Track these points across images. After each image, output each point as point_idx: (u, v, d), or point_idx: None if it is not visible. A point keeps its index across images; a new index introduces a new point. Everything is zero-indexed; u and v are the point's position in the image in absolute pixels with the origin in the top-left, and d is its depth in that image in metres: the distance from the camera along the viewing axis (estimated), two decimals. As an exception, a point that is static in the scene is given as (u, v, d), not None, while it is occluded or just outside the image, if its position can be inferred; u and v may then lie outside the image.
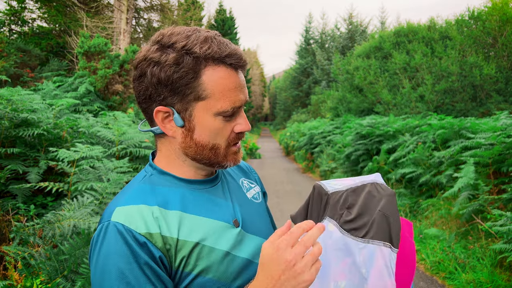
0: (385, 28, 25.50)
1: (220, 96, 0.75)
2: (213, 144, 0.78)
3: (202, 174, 0.85)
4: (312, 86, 30.58)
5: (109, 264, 0.68)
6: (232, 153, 0.81)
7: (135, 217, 0.71)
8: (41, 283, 1.95)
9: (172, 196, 0.78)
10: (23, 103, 3.66)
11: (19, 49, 10.25)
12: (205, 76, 0.74)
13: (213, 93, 0.74)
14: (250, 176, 1.03)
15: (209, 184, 0.85)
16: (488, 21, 10.40)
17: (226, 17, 30.17)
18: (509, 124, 4.86)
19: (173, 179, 0.81)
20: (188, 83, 0.74)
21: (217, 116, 0.76)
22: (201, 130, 0.77)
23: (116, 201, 0.76)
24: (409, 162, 5.76)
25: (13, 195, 3.13)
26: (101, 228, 0.71)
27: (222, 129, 0.77)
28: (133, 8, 12.74)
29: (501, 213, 3.35)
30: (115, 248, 0.68)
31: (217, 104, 0.75)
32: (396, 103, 11.27)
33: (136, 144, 4.25)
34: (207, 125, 0.76)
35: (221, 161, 0.80)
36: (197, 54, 0.73)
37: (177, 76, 0.73)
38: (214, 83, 0.74)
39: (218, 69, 0.75)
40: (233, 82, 0.76)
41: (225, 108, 0.75)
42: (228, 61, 0.75)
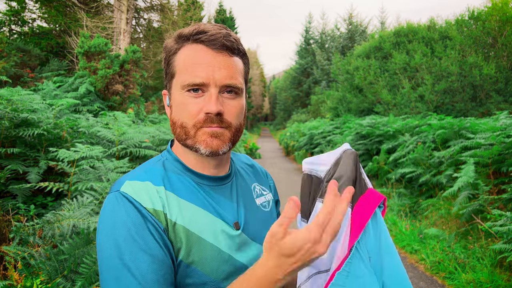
0: (385, 28, 25.51)
1: (184, 69, 0.77)
2: (182, 121, 0.78)
3: (211, 168, 0.84)
4: (312, 86, 30.58)
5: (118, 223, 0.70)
6: (203, 133, 0.76)
7: (141, 192, 0.74)
8: (41, 283, 1.95)
9: (179, 184, 0.79)
10: (23, 103, 3.67)
11: (19, 49, 10.26)
12: (178, 54, 0.79)
13: (179, 68, 0.78)
14: (264, 182, 1.00)
15: (218, 182, 0.85)
16: (488, 21, 10.40)
17: (226, 17, 30.16)
18: (508, 124, 4.86)
19: (183, 168, 0.83)
20: (169, 62, 0.81)
21: (183, 91, 0.77)
22: (174, 107, 0.80)
23: (127, 176, 0.78)
24: (409, 162, 5.76)
25: (13, 195, 3.13)
26: (110, 196, 0.74)
27: (187, 105, 0.77)
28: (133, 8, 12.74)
29: (501, 213, 3.35)
30: (125, 209, 0.71)
31: (181, 77, 0.77)
32: (396, 103, 11.27)
33: (136, 144, 4.25)
34: (176, 100, 0.79)
35: (193, 142, 0.78)
36: (179, 34, 0.80)
37: (163, 58, 0.82)
38: (182, 58, 0.78)
39: (190, 46, 0.78)
40: (200, 57, 0.76)
41: (184, 81, 0.76)
42: (197, 37, 0.77)
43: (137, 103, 8.66)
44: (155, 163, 0.83)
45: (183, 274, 0.74)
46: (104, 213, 0.73)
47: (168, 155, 0.85)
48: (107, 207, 0.73)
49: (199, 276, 0.74)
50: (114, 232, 0.69)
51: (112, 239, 0.69)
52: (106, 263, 0.68)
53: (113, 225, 0.70)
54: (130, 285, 0.66)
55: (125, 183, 0.75)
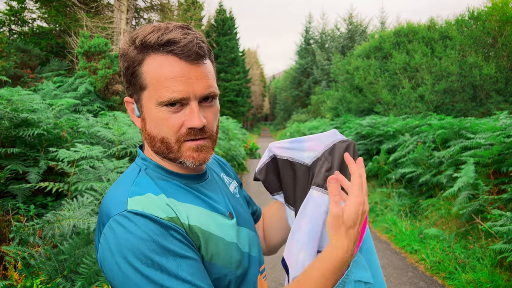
0: (385, 28, 25.52)
1: (157, 84, 0.73)
2: (162, 136, 0.76)
3: (189, 169, 0.84)
4: (312, 86, 30.59)
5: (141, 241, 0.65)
6: (188, 149, 0.76)
7: (150, 205, 0.70)
8: (41, 283, 1.95)
9: (173, 190, 0.78)
10: (23, 103, 3.67)
11: (19, 49, 10.26)
12: (145, 64, 0.73)
13: (152, 82, 0.73)
14: (227, 170, 1.04)
15: (200, 179, 0.85)
16: (488, 21, 10.41)
17: (226, 17, 30.17)
18: (508, 124, 4.86)
19: (167, 173, 0.80)
20: (134, 72, 0.75)
21: (160, 106, 0.73)
22: (149, 121, 0.76)
23: (122, 194, 0.73)
24: (409, 162, 5.76)
25: (13, 195, 3.13)
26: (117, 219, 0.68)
27: (167, 120, 0.74)
28: (133, 8, 12.75)
29: (501, 213, 3.35)
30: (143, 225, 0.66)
31: (155, 94, 0.73)
32: (396, 103, 11.28)
33: (136, 144, 4.25)
34: (152, 116, 0.75)
35: (177, 157, 0.77)
36: (137, 43, 0.74)
37: (125, 66, 0.76)
38: (153, 71, 0.73)
39: (158, 57, 0.73)
40: (173, 71, 0.72)
41: (162, 97, 0.72)
42: (167, 49, 0.72)
43: (137, 103, 8.65)
44: (136, 174, 0.79)
45: (207, 271, 0.75)
46: (117, 238, 0.66)
47: (147, 163, 0.81)
48: (119, 231, 0.67)
49: (219, 270, 0.76)
50: (141, 250, 0.65)
51: (143, 257, 0.64)
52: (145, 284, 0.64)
53: (135, 246, 0.65)
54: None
55: (127, 201, 0.70)
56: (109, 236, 0.68)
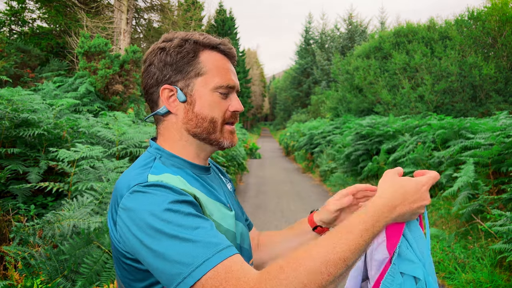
0: (385, 28, 25.52)
1: (216, 72, 0.87)
2: (212, 117, 0.86)
3: (202, 158, 0.92)
4: (312, 86, 30.59)
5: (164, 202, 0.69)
6: (228, 131, 0.90)
7: (169, 180, 0.76)
8: (41, 283, 1.95)
9: (185, 176, 0.84)
10: (23, 103, 3.67)
11: (19, 49, 10.26)
12: (203, 57, 0.87)
13: (210, 70, 0.86)
14: (224, 173, 1.13)
15: (208, 171, 0.94)
16: (487, 21, 10.41)
17: (226, 17, 30.18)
18: (508, 124, 4.86)
19: (181, 161, 0.88)
20: (189, 61, 0.86)
21: (214, 91, 0.86)
22: (201, 103, 0.86)
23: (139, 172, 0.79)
24: (409, 162, 5.76)
25: (13, 195, 3.13)
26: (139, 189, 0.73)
27: (218, 103, 0.87)
28: (133, 8, 12.75)
29: (500, 213, 3.35)
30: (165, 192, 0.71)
31: (214, 80, 0.86)
32: (395, 103, 11.28)
33: (136, 144, 4.25)
34: (206, 98, 0.86)
35: (219, 137, 0.88)
36: (195, 40, 0.87)
37: (180, 56, 0.86)
38: (211, 62, 0.87)
39: (213, 53, 0.89)
40: (227, 64, 0.90)
41: (221, 83, 0.86)
42: (221, 47, 0.89)
43: (137, 103, 8.67)
44: (152, 160, 0.85)
45: None
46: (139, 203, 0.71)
47: (160, 152, 0.88)
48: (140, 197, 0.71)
49: None
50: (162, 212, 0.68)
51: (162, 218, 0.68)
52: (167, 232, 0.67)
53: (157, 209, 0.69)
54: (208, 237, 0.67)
55: (148, 176, 0.77)
56: (132, 202, 0.72)
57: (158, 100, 0.88)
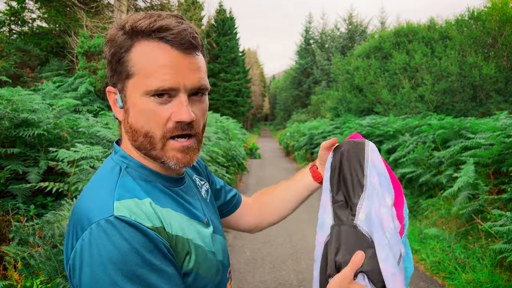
0: (385, 28, 25.52)
1: (147, 72, 0.67)
2: (146, 130, 0.70)
3: (171, 171, 0.78)
4: (312, 86, 30.60)
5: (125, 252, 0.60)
6: (173, 149, 0.71)
7: (137, 211, 0.65)
8: (41, 283, 1.95)
9: (156, 193, 0.72)
10: (23, 103, 3.67)
11: (19, 49, 10.26)
12: (134, 51, 0.68)
13: (140, 69, 0.68)
14: (200, 171, 0.99)
15: (181, 182, 0.81)
16: (488, 21, 10.41)
17: (226, 17, 30.17)
18: (508, 124, 4.86)
19: (150, 173, 0.75)
20: (120, 59, 0.69)
21: (147, 96, 0.68)
22: (134, 112, 0.70)
23: (104, 195, 0.66)
24: (409, 162, 5.76)
25: (13, 195, 3.13)
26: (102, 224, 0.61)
27: (154, 112, 0.68)
28: (133, 8, 12.75)
29: (501, 213, 3.35)
30: (128, 234, 0.61)
31: (144, 82, 0.67)
32: (396, 103, 11.28)
33: (136, 144, 4.25)
34: (138, 106, 0.69)
35: (160, 155, 0.71)
36: (127, 28, 0.69)
37: (112, 52, 0.70)
38: (142, 58, 0.68)
39: (149, 44, 0.68)
40: (164, 59, 0.67)
41: (151, 87, 0.67)
42: (159, 35, 0.67)
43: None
44: (117, 173, 0.71)
45: (189, 283, 0.72)
46: (99, 247, 0.60)
47: (127, 161, 0.74)
48: (102, 239, 0.60)
49: (201, 280, 0.74)
50: (124, 263, 0.59)
51: (125, 270, 0.59)
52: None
53: (119, 257, 0.59)
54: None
55: (114, 205, 0.64)
56: (91, 244, 0.60)
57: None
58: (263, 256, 4.17)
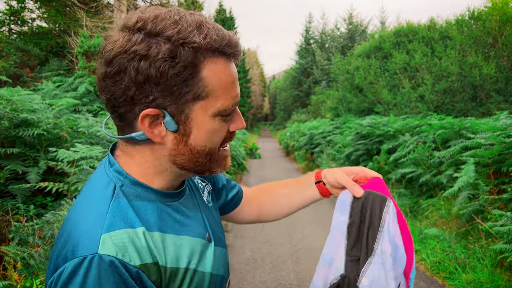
0: (385, 28, 25.52)
1: (221, 92, 0.64)
2: (210, 148, 0.68)
3: (177, 184, 0.75)
4: (312, 86, 30.59)
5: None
6: (223, 157, 0.72)
7: (127, 247, 0.59)
8: (41, 283, 1.94)
9: (149, 213, 0.67)
10: (23, 103, 3.66)
11: (19, 49, 10.26)
12: (205, 71, 0.62)
13: (214, 90, 0.63)
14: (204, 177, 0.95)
15: (182, 194, 0.76)
16: (488, 21, 10.41)
17: (226, 17, 30.17)
18: (509, 124, 4.86)
19: (148, 192, 0.69)
20: (186, 80, 0.61)
21: (217, 116, 0.65)
22: (198, 134, 0.66)
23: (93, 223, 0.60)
24: (409, 162, 5.75)
25: (13, 195, 3.13)
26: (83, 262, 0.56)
27: (220, 130, 0.67)
28: (133, 8, 12.74)
29: (501, 213, 3.34)
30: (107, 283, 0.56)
31: (217, 102, 0.64)
32: (396, 103, 11.27)
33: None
34: (205, 127, 0.65)
35: (213, 167, 0.71)
36: (196, 44, 0.60)
37: (173, 73, 0.59)
38: (216, 78, 0.63)
39: (218, 62, 0.63)
40: (232, 75, 0.65)
41: (226, 106, 0.65)
42: (227, 51, 0.63)
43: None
44: (110, 193, 0.65)
45: None
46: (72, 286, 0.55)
47: (123, 178, 0.67)
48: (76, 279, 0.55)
49: None
50: None
51: None
52: None
53: None
54: None
55: (101, 239, 0.58)
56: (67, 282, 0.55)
57: (134, 122, 0.64)
58: (263, 256, 4.16)
